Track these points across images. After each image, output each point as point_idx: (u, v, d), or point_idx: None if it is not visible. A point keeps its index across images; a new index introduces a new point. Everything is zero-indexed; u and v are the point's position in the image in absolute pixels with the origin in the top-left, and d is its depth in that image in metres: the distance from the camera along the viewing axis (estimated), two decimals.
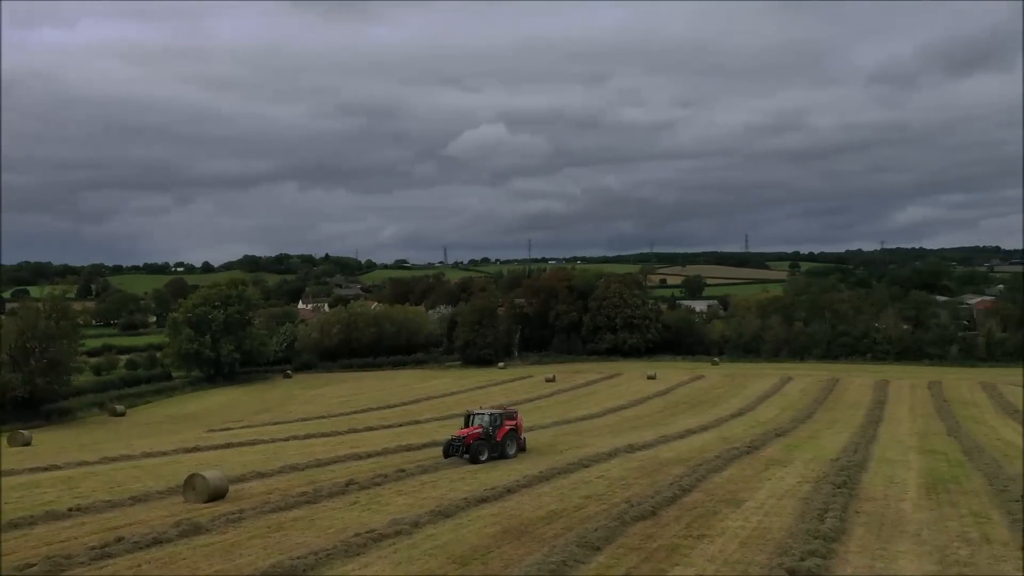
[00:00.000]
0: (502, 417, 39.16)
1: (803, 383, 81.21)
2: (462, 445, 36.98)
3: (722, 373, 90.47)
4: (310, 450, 43.23)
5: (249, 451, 43.50)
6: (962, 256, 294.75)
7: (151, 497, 29.53)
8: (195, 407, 77.16)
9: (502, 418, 39.05)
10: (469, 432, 37.52)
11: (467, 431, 37.71)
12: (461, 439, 37.26)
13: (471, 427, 38.14)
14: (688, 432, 50.13)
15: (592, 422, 57.35)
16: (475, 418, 38.96)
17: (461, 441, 37.16)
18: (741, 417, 59.30)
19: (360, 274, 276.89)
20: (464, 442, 37.00)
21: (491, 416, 38.81)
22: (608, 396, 74.43)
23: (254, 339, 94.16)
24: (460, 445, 37.02)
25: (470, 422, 38.77)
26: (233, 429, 58.48)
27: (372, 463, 37.69)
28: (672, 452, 41.31)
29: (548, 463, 36.71)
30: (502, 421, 38.78)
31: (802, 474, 33.95)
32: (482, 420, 38.58)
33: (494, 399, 73.03)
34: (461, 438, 37.32)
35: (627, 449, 41.42)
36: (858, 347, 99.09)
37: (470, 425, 38.40)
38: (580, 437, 48.23)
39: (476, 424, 38.30)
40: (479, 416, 39.11)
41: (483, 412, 39.69)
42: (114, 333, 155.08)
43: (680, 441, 46.35)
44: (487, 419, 38.56)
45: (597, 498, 28.99)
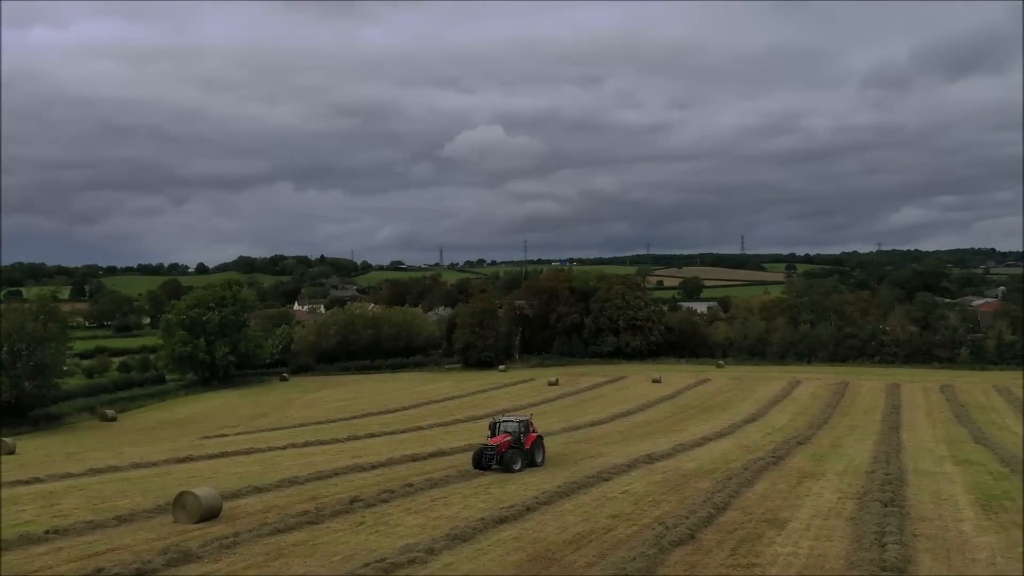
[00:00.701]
0: (528, 425, 37.41)
1: (812, 386, 78.76)
2: (496, 454, 35.15)
3: (728, 376, 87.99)
4: (310, 460, 40.54)
5: (245, 461, 40.79)
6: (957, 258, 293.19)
7: (137, 517, 26.79)
8: (189, 411, 74.37)
9: (528, 426, 37.31)
10: (501, 441, 35.71)
11: (498, 439, 35.87)
12: (493, 448, 35.38)
13: (498, 435, 36.42)
14: (704, 439, 47.66)
15: (601, 428, 54.88)
16: (501, 425, 37.11)
17: (494, 451, 35.30)
18: (755, 423, 56.92)
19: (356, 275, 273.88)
20: (497, 451, 35.15)
21: (519, 423, 37.02)
22: (614, 400, 71.91)
23: (249, 341, 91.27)
24: (493, 454, 35.19)
25: (496, 430, 36.95)
26: (228, 436, 55.79)
27: (376, 475, 35.04)
28: (693, 463, 38.77)
29: (565, 476, 34.12)
30: (529, 429, 37.14)
31: (840, 489, 31.41)
32: (510, 428, 36.82)
33: (497, 404, 70.51)
34: (493, 447, 35.43)
35: (646, 459, 38.87)
36: (865, 349, 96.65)
37: (497, 433, 36.65)
38: (592, 445, 45.74)
39: (503, 432, 36.58)
40: (506, 424, 37.21)
41: (511, 419, 37.72)
42: (107, 335, 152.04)
43: (699, 450, 43.86)
44: (515, 426, 36.82)
45: (625, 518, 26.38)
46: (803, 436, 48.96)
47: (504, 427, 36.91)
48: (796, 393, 74.78)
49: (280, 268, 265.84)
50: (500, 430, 36.80)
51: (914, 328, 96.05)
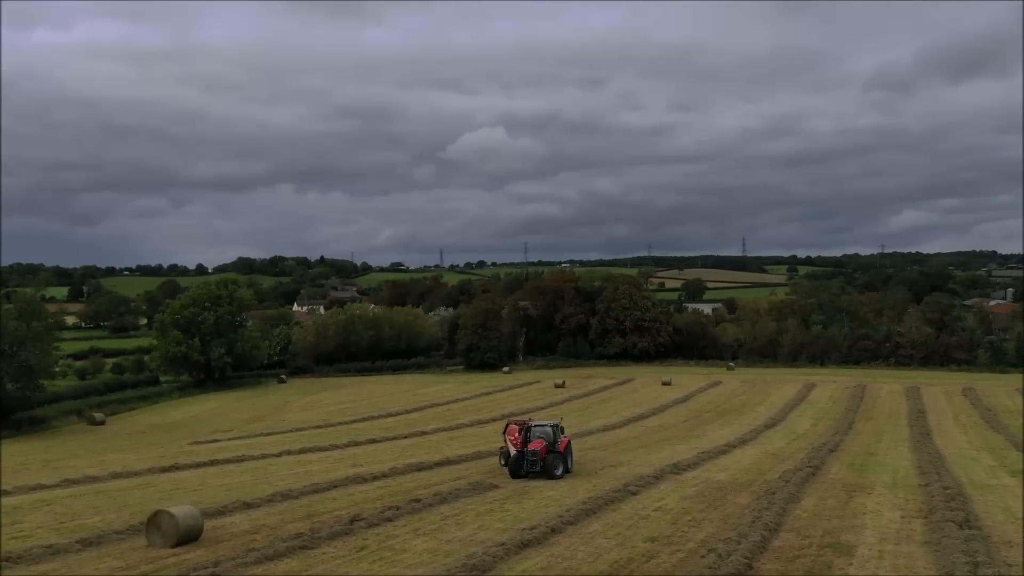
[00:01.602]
0: (561, 428, 36.02)
1: (829, 390, 75.24)
2: (538, 460, 33.19)
3: (740, 379, 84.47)
4: (306, 469, 36.97)
5: (235, 471, 37.18)
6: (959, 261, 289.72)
7: (106, 539, 23.21)
8: (182, 414, 70.69)
9: (562, 429, 35.95)
10: (540, 446, 33.93)
11: (536, 444, 33.99)
12: (535, 453, 33.40)
13: (534, 440, 34.61)
14: (728, 446, 44.24)
15: (615, 433, 51.51)
16: (535, 430, 35.26)
17: (536, 456, 33.33)
18: (775, 428, 53.55)
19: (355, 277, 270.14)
20: (539, 456, 33.18)
21: (552, 427, 35.33)
22: (625, 403, 68.42)
23: (246, 342, 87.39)
24: (536, 460, 33.25)
25: (530, 434, 34.94)
26: (220, 441, 52.17)
27: (379, 488, 31.46)
28: (724, 473, 35.28)
29: (587, 488, 30.60)
30: (561, 433, 35.61)
31: (898, 505, 27.89)
32: (542, 432, 35.04)
33: (503, 407, 67.09)
34: (535, 452, 33.44)
35: (672, 469, 35.37)
36: (880, 351, 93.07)
37: (531, 437, 34.71)
38: (610, 452, 42.34)
39: (537, 436, 34.74)
40: (539, 427, 35.38)
41: (543, 423, 35.89)
42: (103, 336, 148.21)
43: (725, 458, 40.44)
44: (548, 430, 35.10)
45: (666, 541, 22.82)
46: (831, 442, 45.73)
47: (537, 431, 34.93)
48: (813, 396, 71.30)
49: (279, 269, 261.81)
50: (534, 435, 34.72)
51: (929, 329, 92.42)
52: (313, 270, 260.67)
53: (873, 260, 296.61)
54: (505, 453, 38.30)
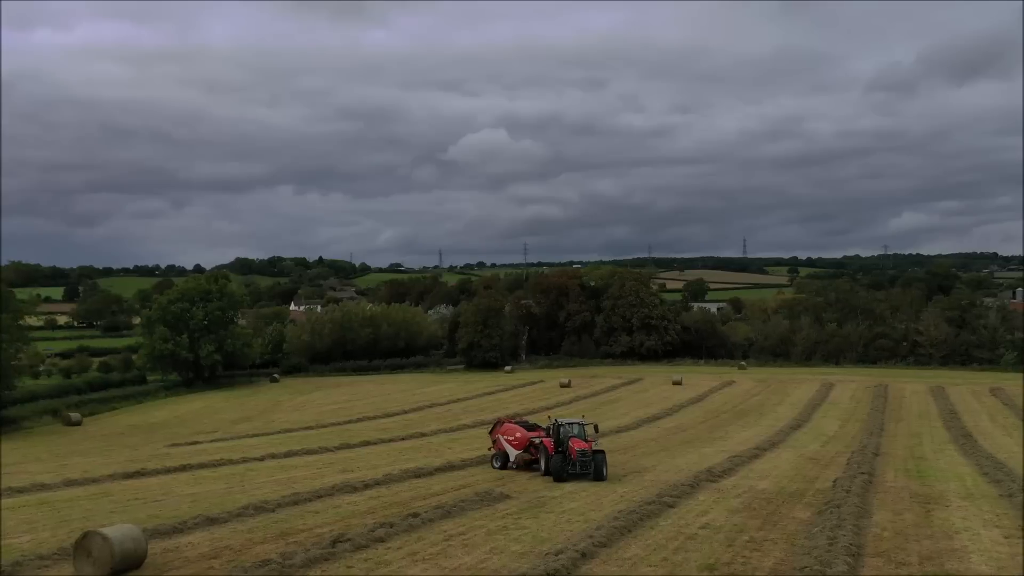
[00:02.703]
0: (594, 428, 33.52)
1: (849, 389, 70.46)
2: (590, 460, 30.42)
3: (753, 378, 79.66)
4: (289, 476, 32.12)
5: (208, 477, 32.32)
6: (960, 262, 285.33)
7: (26, 565, 18.36)
8: (166, 414, 65.75)
9: (594, 428, 33.47)
10: (583, 445, 31.05)
11: (581, 444, 31.00)
12: (585, 453, 30.51)
13: (574, 438, 31.52)
14: (758, 449, 39.63)
15: (630, 435, 46.85)
16: (565, 429, 32.07)
17: (587, 456, 30.48)
18: (802, 429, 48.91)
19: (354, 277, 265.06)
20: (588, 456, 30.42)
21: (581, 426, 32.46)
22: (635, 404, 63.62)
23: (237, 339, 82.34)
24: (589, 460, 30.43)
25: (561, 433, 31.84)
26: (201, 443, 47.28)
27: (370, 499, 26.61)
28: (767, 480, 30.53)
29: (614, 500, 25.84)
30: (595, 431, 33.53)
31: (992, 522, 23.11)
32: (574, 431, 32.07)
33: (506, 407, 62.29)
34: (585, 452, 30.55)
35: (707, 476, 30.59)
36: (898, 350, 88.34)
37: (562, 437, 31.57)
38: (630, 456, 37.69)
39: (573, 435, 31.69)
40: (570, 427, 32.22)
41: (572, 422, 32.70)
42: (95, 335, 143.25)
43: (759, 462, 35.79)
44: (579, 430, 32.22)
45: (726, 569, 17.97)
46: (870, 445, 41.06)
47: (569, 431, 31.86)
48: (833, 397, 66.50)
49: (278, 270, 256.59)
50: (567, 433, 31.67)
51: (949, 328, 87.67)
52: (311, 270, 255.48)
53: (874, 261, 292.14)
54: (501, 456, 34.31)
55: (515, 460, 33.70)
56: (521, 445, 33.88)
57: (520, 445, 33.89)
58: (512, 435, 34.26)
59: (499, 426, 35.31)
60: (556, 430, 32.39)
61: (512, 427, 34.94)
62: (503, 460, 33.95)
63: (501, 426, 35.16)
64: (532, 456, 33.57)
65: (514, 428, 34.81)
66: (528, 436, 34.08)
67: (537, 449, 33.67)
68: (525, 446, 33.81)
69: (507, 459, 33.89)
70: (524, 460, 33.66)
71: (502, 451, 34.12)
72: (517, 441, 34.02)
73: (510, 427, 34.90)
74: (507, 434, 34.36)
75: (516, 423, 35.95)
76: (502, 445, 34.21)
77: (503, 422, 35.64)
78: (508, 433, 34.39)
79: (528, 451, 33.77)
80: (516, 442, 34.02)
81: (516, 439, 34.10)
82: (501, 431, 34.74)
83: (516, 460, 33.67)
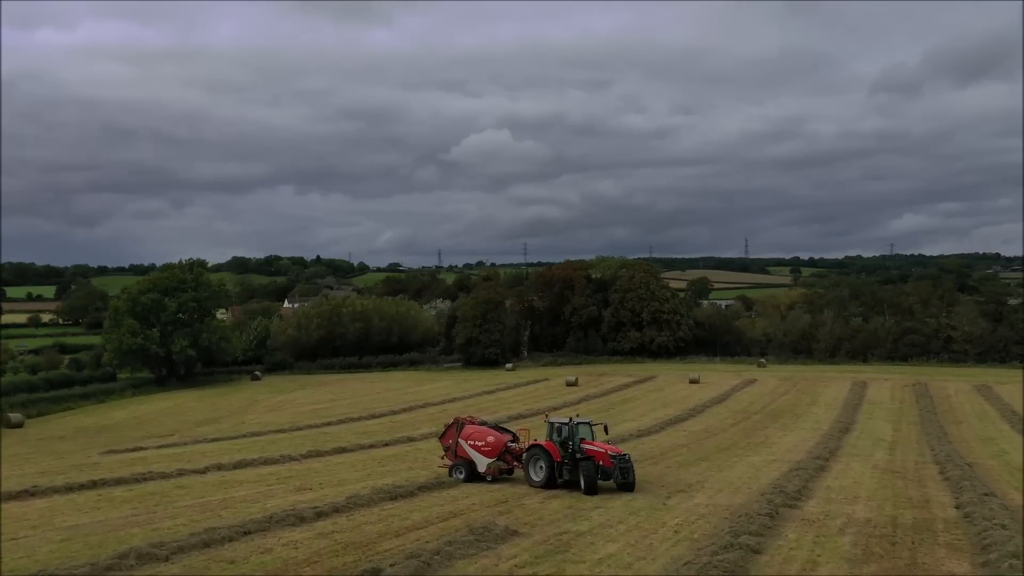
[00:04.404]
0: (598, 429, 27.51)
1: (886, 389, 62.18)
2: (630, 466, 24.98)
3: (776, 376, 71.36)
4: (224, 497, 23.86)
5: (118, 498, 24.00)
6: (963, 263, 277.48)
7: None
8: (125, 415, 57.33)
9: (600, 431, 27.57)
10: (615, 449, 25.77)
11: (609, 448, 25.51)
12: (622, 459, 24.86)
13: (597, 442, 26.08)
14: (818, 459, 31.84)
15: (655, 440, 38.87)
16: (581, 428, 26.33)
17: (624, 460, 24.88)
18: (852, 434, 40.89)
19: (352, 276, 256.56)
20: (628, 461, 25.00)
21: (589, 427, 26.97)
22: (652, 404, 55.37)
23: (213, 333, 73.71)
24: (629, 466, 24.95)
25: (574, 437, 25.66)
26: (146, 449, 39.00)
27: (319, 536, 18.30)
28: (861, 504, 22.63)
29: (668, 536, 17.51)
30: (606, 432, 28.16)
31: None
32: (585, 431, 26.39)
33: (509, 407, 54.33)
34: (620, 456, 24.93)
35: (780, 498, 22.36)
36: (930, 346, 79.97)
37: (574, 441, 25.55)
38: (664, 467, 29.91)
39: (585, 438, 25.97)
40: (581, 426, 26.42)
41: (582, 422, 26.81)
42: (79, 332, 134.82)
43: (829, 476, 28.36)
44: (587, 431, 26.55)
45: None
46: (946, 453, 33.29)
47: (583, 430, 26.11)
48: (871, 396, 58.08)
49: (274, 269, 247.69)
50: (580, 433, 25.77)
51: (985, 323, 79.35)
52: (309, 269, 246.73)
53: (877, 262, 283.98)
54: (465, 465, 26.87)
55: (487, 470, 26.42)
56: (495, 452, 26.61)
57: (494, 452, 26.61)
58: (482, 439, 26.91)
59: (458, 429, 27.67)
60: (561, 431, 25.80)
61: (480, 430, 27.42)
62: (468, 470, 26.65)
63: (462, 429, 27.52)
64: (508, 465, 26.80)
65: (483, 431, 27.32)
66: (503, 440, 26.97)
67: (515, 457, 26.83)
68: (500, 453, 26.65)
69: (472, 468, 26.62)
70: (498, 470, 26.54)
71: (466, 459, 26.86)
72: (489, 447, 26.70)
73: (478, 430, 27.37)
74: (474, 438, 27.03)
75: (481, 424, 28.32)
76: (465, 452, 26.94)
77: (463, 423, 27.96)
78: (476, 437, 27.02)
79: (503, 459, 26.75)
80: (488, 448, 26.69)
81: (488, 444, 26.76)
82: (464, 435, 27.25)
83: (488, 470, 26.41)
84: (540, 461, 25.66)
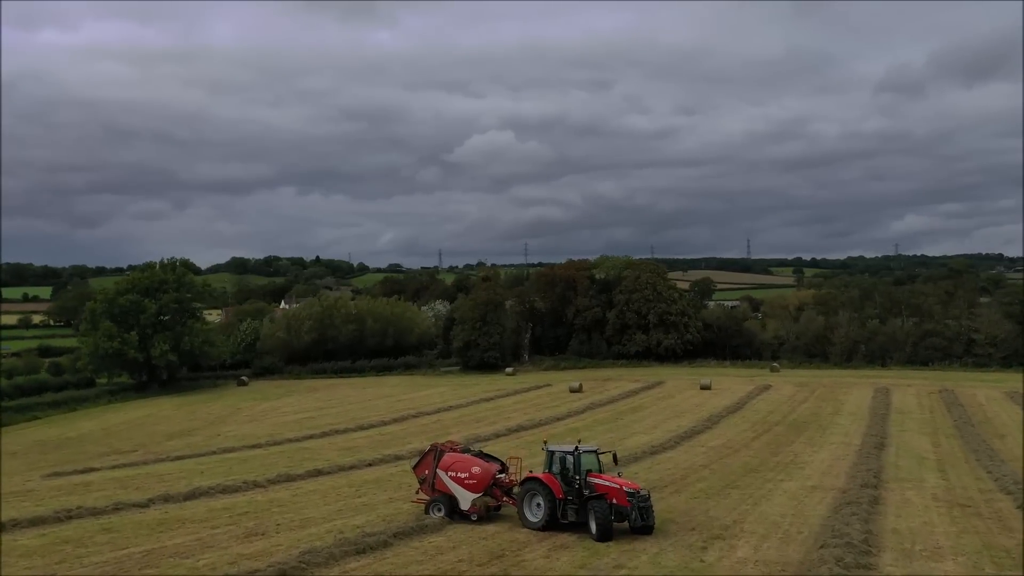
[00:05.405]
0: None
1: (911, 395, 57.27)
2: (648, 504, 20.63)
3: (791, 382, 66.43)
4: (157, 545, 19.09)
5: (25, 547, 19.17)
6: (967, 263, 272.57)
7: None
8: (92, 427, 52.44)
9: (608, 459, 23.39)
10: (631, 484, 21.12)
11: (625, 482, 21.03)
12: (641, 498, 20.40)
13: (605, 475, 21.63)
14: (862, 487, 27.02)
15: (670, 458, 34.23)
16: (585, 458, 21.71)
17: (643, 500, 20.44)
18: (889, 450, 36.36)
19: (352, 277, 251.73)
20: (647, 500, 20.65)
21: (595, 455, 22.27)
22: (663, 413, 50.52)
23: (195, 337, 68.78)
24: (648, 506, 20.55)
25: (579, 467, 21.31)
26: (97, 471, 34.18)
27: None
28: (949, 561, 17.34)
29: None
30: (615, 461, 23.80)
31: None
32: (590, 462, 21.80)
33: (507, 417, 49.75)
34: (639, 494, 20.45)
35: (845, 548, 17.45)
36: (952, 349, 75.06)
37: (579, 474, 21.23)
38: (687, 497, 25.83)
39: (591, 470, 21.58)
40: (589, 452, 21.94)
41: (588, 450, 21.99)
42: (69, 333, 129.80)
43: (887, 514, 23.75)
44: (593, 461, 21.97)
45: None
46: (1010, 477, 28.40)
47: (586, 459, 21.57)
48: (897, 404, 53.07)
49: (273, 269, 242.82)
50: (586, 464, 21.40)
51: (1011, 325, 74.43)
52: (308, 270, 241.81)
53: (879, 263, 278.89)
54: (444, 501, 22.31)
55: (471, 508, 21.73)
56: (482, 486, 21.90)
57: (480, 486, 21.90)
58: (465, 471, 22.16)
59: (436, 457, 22.86)
60: (563, 461, 21.37)
61: (463, 459, 22.62)
62: (448, 506, 21.94)
63: (441, 458, 22.69)
64: (496, 501, 22.16)
65: (467, 460, 22.53)
66: (491, 472, 22.21)
67: (505, 491, 22.47)
68: (487, 487, 21.94)
69: (454, 505, 21.92)
70: (485, 507, 21.81)
71: (446, 494, 22.15)
72: (474, 480, 21.98)
73: (460, 459, 22.57)
74: (456, 468, 22.27)
75: (464, 452, 23.53)
76: (445, 486, 22.21)
77: (443, 450, 23.16)
78: (459, 468, 22.25)
79: (490, 493, 22.08)
80: (473, 481, 21.97)
81: (472, 477, 22.03)
82: (444, 465, 22.44)
83: (473, 508, 21.71)
84: (537, 498, 20.85)
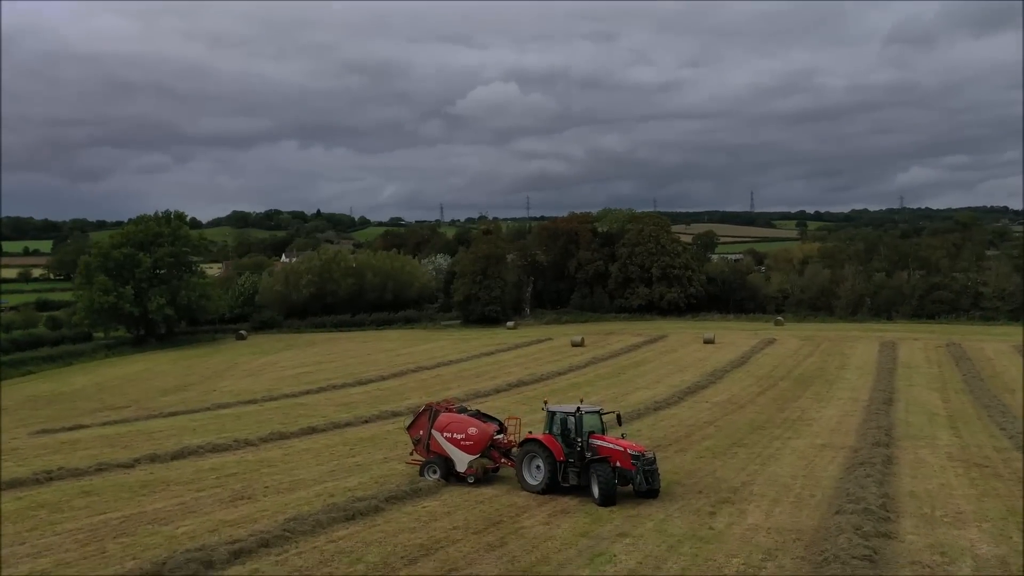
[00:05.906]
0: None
1: (917, 350, 56.15)
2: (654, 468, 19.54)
3: (796, 336, 65.39)
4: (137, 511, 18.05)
5: None
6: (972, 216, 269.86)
7: None
8: (87, 381, 51.61)
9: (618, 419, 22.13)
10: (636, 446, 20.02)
11: (628, 444, 19.87)
12: (647, 461, 19.35)
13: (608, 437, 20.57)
14: (874, 445, 26.18)
15: (674, 414, 33.34)
16: (588, 418, 20.59)
17: (652, 463, 19.46)
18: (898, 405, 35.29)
19: (353, 231, 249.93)
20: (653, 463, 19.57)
21: (599, 415, 21.22)
22: (666, 367, 49.49)
23: (192, 291, 67.61)
24: (653, 469, 19.48)
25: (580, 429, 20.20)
26: (87, 427, 33.24)
27: None
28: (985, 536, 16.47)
29: None
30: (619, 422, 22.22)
31: None
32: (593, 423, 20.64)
33: (507, 371, 48.80)
34: (644, 457, 19.35)
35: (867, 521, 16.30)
36: (959, 303, 73.81)
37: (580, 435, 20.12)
38: (693, 456, 25.15)
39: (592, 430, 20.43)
40: (592, 413, 20.86)
41: (592, 410, 20.98)
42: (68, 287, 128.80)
43: (906, 475, 23.11)
44: (596, 421, 20.91)
45: None
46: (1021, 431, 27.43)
47: (592, 420, 20.55)
48: (904, 359, 52.00)
49: (274, 223, 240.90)
50: (587, 425, 20.23)
51: (1019, 278, 73.01)
52: (309, 224, 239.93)
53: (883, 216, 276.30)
54: (440, 462, 21.28)
55: (468, 470, 20.75)
56: (479, 447, 20.87)
57: (477, 447, 20.86)
58: (461, 431, 21.07)
59: (431, 418, 21.71)
60: (564, 422, 20.28)
61: (459, 419, 21.45)
62: (444, 468, 20.88)
63: (437, 418, 21.56)
64: (494, 463, 21.17)
65: (464, 420, 21.38)
66: (488, 432, 21.15)
67: (503, 453, 21.55)
68: (484, 448, 20.91)
69: (449, 466, 20.89)
70: (482, 469, 20.82)
71: (441, 455, 21.07)
72: (472, 441, 20.93)
73: (457, 420, 21.42)
74: (452, 429, 21.16)
75: (460, 411, 22.30)
76: (440, 447, 21.14)
77: (438, 410, 22.02)
78: (455, 428, 21.15)
79: (488, 455, 21.07)
80: (470, 442, 20.92)
81: (469, 438, 20.96)
82: (439, 425, 21.30)
83: (470, 470, 20.74)
84: (537, 460, 19.80)
